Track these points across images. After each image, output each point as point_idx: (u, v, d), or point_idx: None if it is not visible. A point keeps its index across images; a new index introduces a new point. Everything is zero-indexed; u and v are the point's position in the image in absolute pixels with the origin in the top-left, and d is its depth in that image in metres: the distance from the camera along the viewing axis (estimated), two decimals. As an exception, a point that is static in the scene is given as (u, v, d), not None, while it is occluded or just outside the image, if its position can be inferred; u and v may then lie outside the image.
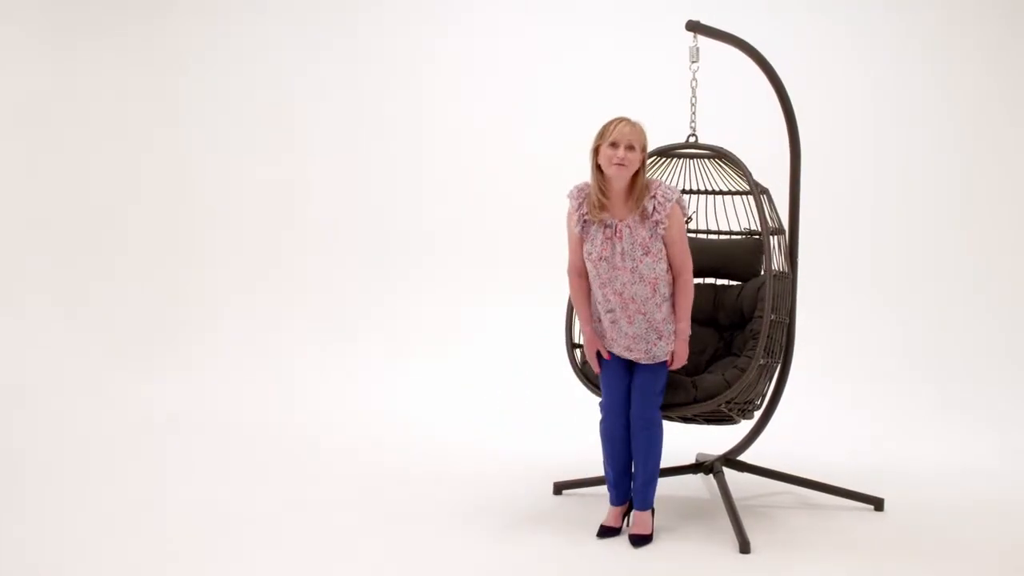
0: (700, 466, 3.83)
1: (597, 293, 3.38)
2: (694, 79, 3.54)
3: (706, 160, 3.76)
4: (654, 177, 3.55)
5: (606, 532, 3.43)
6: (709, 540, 3.39)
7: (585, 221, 3.34)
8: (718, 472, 3.70)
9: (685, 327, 3.37)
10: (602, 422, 3.44)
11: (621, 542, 3.38)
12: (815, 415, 4.77)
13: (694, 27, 3.52)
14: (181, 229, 6.02)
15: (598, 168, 3.28)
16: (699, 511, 3.69)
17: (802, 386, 3.92)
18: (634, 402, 3.36)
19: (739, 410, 3.53)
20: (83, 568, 3.12)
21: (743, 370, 3.41)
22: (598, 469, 3.95)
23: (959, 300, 5.22)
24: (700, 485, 3.97)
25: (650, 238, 3.27)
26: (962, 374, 5.06)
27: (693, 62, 3.52)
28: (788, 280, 3.66)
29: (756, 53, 3.59)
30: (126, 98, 6.04)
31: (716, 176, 3.75)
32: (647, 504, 3.41)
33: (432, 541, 3.36)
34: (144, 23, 6.00)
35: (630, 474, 3.46)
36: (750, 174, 3.55)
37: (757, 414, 3.72)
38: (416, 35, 5.79)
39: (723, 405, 3.42)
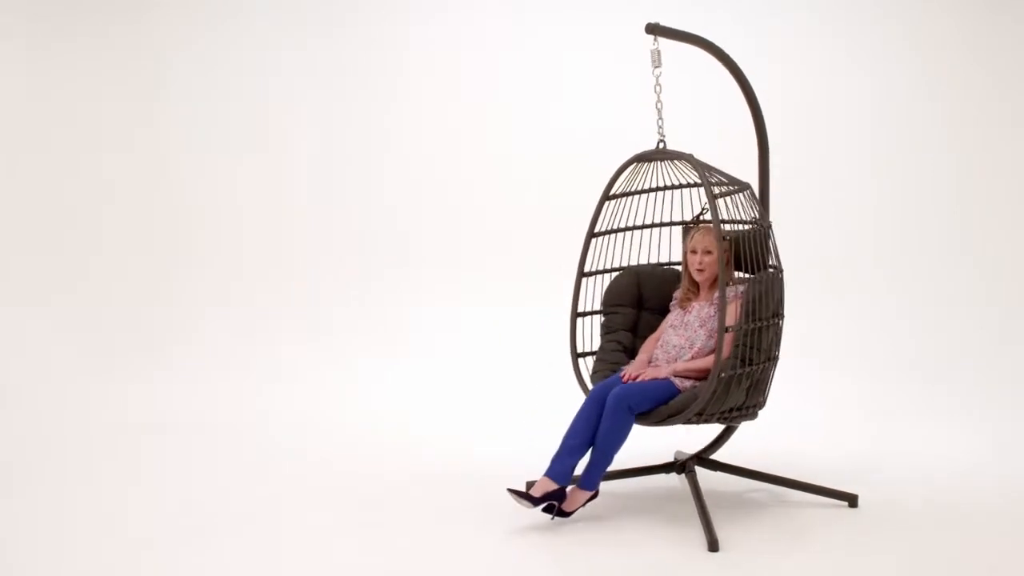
0: (673, 464, 3.86)
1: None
2: (658, 84, 3.52)
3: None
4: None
5: (523, 495, 3.39)
6: (679, 538, 3.42)
7: (673, 305, 3.83)
8: (690, 471, 3.73)
9: (679, 368, 3.57)
10: (586, 399, 3.53)
11: (600, 541, 3.41)
12: (792, 412, 4.79)
13: (653, 29, 3.48)
14: (161, 230, 6.03)
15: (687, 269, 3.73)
16: (672, 510, 3.72)
17: (778, 384, 3.92)
18: (618, 387, 3.48)
19: (721, 417, 3.52)
20: (58, 569, 3.17)
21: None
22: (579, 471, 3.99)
23: (942, 299, 5.23)
24: (676, 484, 4.00)
25: (710, 317, 3.61)
26: (939, 371, 5.08)
27: (656, 67, 3.49)
28: (776, 277, 3.58)
29: (719, 51, 3.55)
30: (105, 98, 6.04)
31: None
32: (593, 485, 3.47)
33: (410, 543, 3.41)
34: (123, 23, 6.01)
35: (578, 455, 3.48)
36: (708, 179, 3.46)
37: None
38: (402, 34, 5.84)
39: (694, 417, 3.43)
